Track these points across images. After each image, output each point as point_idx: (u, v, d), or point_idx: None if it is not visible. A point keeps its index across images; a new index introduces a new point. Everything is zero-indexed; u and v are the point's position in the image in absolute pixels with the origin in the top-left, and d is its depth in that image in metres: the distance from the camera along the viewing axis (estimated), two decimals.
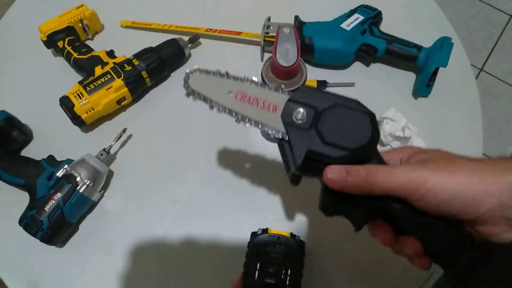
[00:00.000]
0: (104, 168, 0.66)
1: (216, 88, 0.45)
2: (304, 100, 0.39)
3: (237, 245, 0.63)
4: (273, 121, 0.41)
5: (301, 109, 0.38)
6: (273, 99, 0.42)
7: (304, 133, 0.38)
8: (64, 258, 0.64)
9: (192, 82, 0.47)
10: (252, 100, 0.43)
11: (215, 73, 0.45)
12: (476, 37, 2.00)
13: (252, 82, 0.43)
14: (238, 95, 0.43)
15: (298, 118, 0.38)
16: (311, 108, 0.38)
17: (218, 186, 0.68)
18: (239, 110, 0.43)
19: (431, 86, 0.75)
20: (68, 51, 0.75)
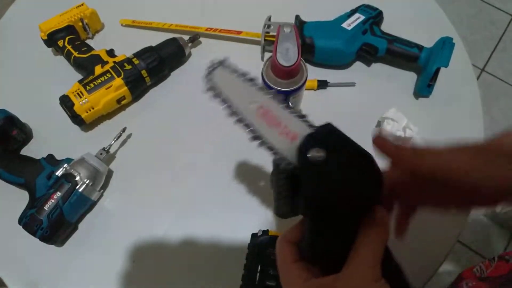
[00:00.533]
0: (104, 168, 0.66)
1: (239, 93, 0.41)
2: (325, 139, 0.36)
3: (237, 246, 0.63)
4: (288, 150, 0.38)
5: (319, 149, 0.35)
6: (294, 127, 0.39)
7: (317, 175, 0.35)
8: (63, 257, 0.64)
9: (217, 76, 0.42)
10: (273, 121, 0.39)
11: (243, 74, 0.42)
12: (478, 37, 1.99)
13: (279, 101, 0.40)
14: (260, 110, 0.39)
15: (316, 158, 0.35)
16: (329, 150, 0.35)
17: (218, 186, 0.68)
18: (257, 127, 0.39)
19: (432, 86, 0.74)
20: (68, 50, 0.75)
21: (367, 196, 0.35)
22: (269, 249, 0.56)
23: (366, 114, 0.73)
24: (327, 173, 0.35)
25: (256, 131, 0.39)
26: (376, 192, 0.35)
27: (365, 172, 0.35)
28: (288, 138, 0.38)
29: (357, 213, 0.35)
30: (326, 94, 0.77)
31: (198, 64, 0.81)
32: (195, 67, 0.80)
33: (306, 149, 0.35)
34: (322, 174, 0.35)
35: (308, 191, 0.35)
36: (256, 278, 0.54)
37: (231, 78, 0.42)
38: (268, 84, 0.55)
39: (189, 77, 0.79)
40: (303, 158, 0.35)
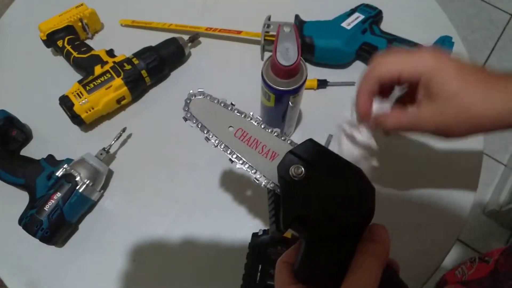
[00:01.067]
0: (104, 168, 0.66)
1: (217, 119, 0.42)
2: (306, 155, 0.35)
3: (238, 246, 0.63)
4: (268, 169, 0.38)
5: (300, 166, 0.34)
6: (273, 146, 0.39)
7: (297, 192, 0.34)
8: (63, 258, 0.64)
9: (193, 105, 0.44)
10: (252, 141, 0.40)
11: (220, 101, 0.43)
12: (477, 36, 2.00)
13: (256, 122, 0.41)
14: (239, 132, 0.41)
15: (295, 174, 0.34)
16: (311, 166, 0.35)
17: (218, 186, 0.68)
18: (236, 149, 0.41)
19: None
20: (67, 50, 0.75)
21: (358, 212, 0.33)
22: (269, 249, 0.56)
23: None
24: (307, 190, 0.34)
25: (235, 152, 0.41)
26: (367, 207, 0.33)
27: (353, 186, 0.34)
28: (268, 157, 0.39)
29: (350, 230, 0.33)
30: (326, 93, 0.77)
31: (198, 64, 0.81)
32: (195, 67, 0.80)
33: (284, 167, 0.35)
34: (301, 191, 0.34)
35: (286, 210, 0.34)
36: (256, 278, 0.54)
37: (208, 106, 0.43)
38: (268, 83, 0.55)
39: (189, 77, 0.79)
40: (280, 176, 0.35)
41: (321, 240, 0.34)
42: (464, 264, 0.73)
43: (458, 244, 1.59)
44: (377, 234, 0.33)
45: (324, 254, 0.34)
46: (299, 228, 0.35)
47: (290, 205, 0.34)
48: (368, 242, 0.33)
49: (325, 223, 0.33)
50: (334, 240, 0.34)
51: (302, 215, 0.33)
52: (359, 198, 0.34)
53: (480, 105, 0.42)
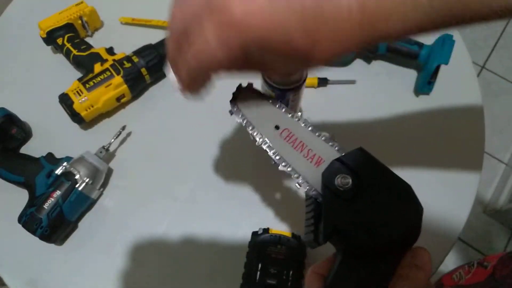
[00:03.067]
0: (104, 166, 0.66)
1: (263, 116, 0.40)
2: (354, 165, 0.33)
3: (237, 244, 0.63)
4: (312, 175, 0.36)
5: (347, 176, 0.32)
6: (320, 151, 0.37)
7: (341, 204, 0.32)
8: (63, 256, 0.64)
9: (241, 99, 0.42)
10: (298, 144, 0.38)
11: (267, 97, 0.41)
12: (478, 34, 1.99)
13: (304, 123, 0.39)
14: (285, 133, 0.39)
15: (340, 185, 0.32)
16: (358, 178, 0.33)
17: (218, 185, 0.68)
18: (280, 150, 0.39)
19: (432, 83, 0.74)
20: (67, 48, 0.75)
21: (402, 233, 0.31)
22: (269, 248, 0.56)
23: (366, 111, 0.73)
24: (351, 203, 0.32)
25: (280, 153, 0.39)
26: (413, 228, 0.32)
27: (400, 204, 0.32)
28: (313, 162, 0.37)
29: (391, 251, 0.32)
30: (326, 91, 0.77)
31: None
32: None
33: (330, 176, 0.33)
34: (345, 204, 0.32)
35: (328, 222, 0.32)
36: (256, 277, 0.54)
37: (255, 101, 0.41)
38: (268, 82, 0.55)
39: None
40: (325, 185, 0.33)
41: (359, 258, 0.32)
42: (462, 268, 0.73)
43: (458, 244, 1.59)
44: (420, 259, 0.31)
45: (361, 273, 0.32)
46: (337, 242, 0.33)
47: (332, 217, 0.32)
48: (409, 267, 0.30)
49: (365, 241, 0.31)
50: (373, 259, 0.32)
51: (343, 229, 0.32)
52: (405, 218, 0.32)
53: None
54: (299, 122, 0.39)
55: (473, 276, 0.69)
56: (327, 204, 0.33)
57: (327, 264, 0.35)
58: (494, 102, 1.82)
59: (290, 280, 0.54)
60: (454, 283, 0.70)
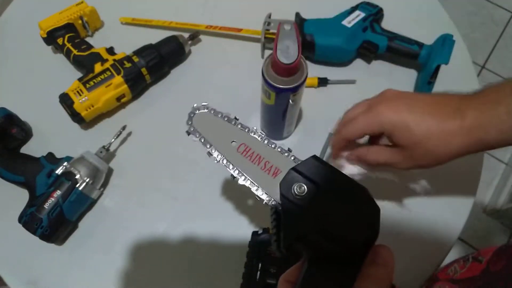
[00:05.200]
0: (104, 166, 0.66)
1: (220, 133, 0.42)
2: (309, 173, 0.34)
3: (237, 244, 0.63)
4: (270, 186, 0.38)
5: (303, 184, 0.33)
6: (276, 162, 0.39)
7: (299, 212, 0.33)
8: (63, 256, 0.64)
9: (197, 119, 0.44)
10: (255, 157, 0.40)
11: (223, 116, 0.43)
12: (478, 34, 1.99)
13: (260, 137, 0.40)
14: (241, 147, 0.40)
15: (297, 193, 0.33)
16: (315, 185, 0.33)
17: (218, 184, 0.68)
18: (238, 165, 0.40)
19: (432, 83, 0.74)
20: (68, 48, 0.75)
21: (361, 234, 0.32)
22: (269, 247, 0.56)
23: None
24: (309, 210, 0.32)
25: (237, 168, 0.40)
26: (371, 229, 0.32)
27: (357, 207, 0.32)
28: (271, 174, 0.38)
29: (353, 253, 0.32)
30: (327, 91, 0.77)
31: (198, 61, 0.81)
32: (195, 64, 0.80)
33: (286, 185, 0.33)
34: (303, 211, 0.32)
35: (287, 230, 0.33)
36: (256, 276, 0.54)
37: (211, 120, 0.43)
38: (268, 81, 0.55)
39: (189, 75, 0.79)
40: (282, 194, 0.33)
41: (323, 262, 0.33)
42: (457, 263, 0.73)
43: (459, 243, 1.59)
44: (381, 256, 0.32)
45: (325, 278, 0.33)
46: (300, 249, 0.34)
47: (291, 226, 0.33)
48: (371, 265, 0.31)
49: (327, 245, 0.32)
50: (336, 263, 0.32)
51: (303, 236, 0.32)
52: (363, 219, 0.32)
53: (442, 147, 0.48)
54: (254, 135, 0.41)
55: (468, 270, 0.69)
56: (286, 213, 0.33)
57: (297, 271, 0.36)
58: None
59: None
60: (449, 277, 0.71)
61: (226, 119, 0.43)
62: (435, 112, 0.48)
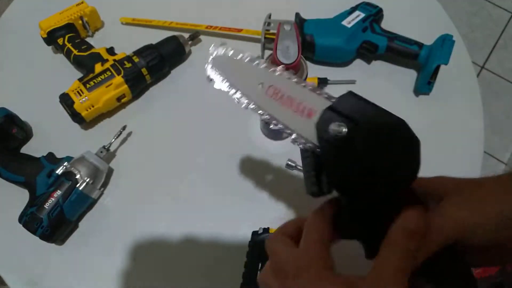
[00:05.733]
0: (104, 166, 0.66)
1: (244, 76, 0.38)
2: (346, 111, 0.32)
3: (237, 244, 0.63)
4: (305, 128, 0.34)
5: (341, 123, 0.31)
6: (309, 102, 0.35)
7: (339, 152, 0.32)
8: (63, 256, 0.64)
9: (217, 63, 0.40)
10: (285, 99, 0.36)
11: (245, 56, 0.39)
12: (478, 34, 1.99)
13: (288, 76, 0.37)
14: (270, 90, 0.36)
15: (335, 133, 0.31)
16: (353, 122, 0.32)
17: (218, 184, 0.68)
18: (269, 109, 0.37)
19: (432, 83, 0.74)
20: (68, 48, 0.75)
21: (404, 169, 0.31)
22: None
23: None
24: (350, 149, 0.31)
25: (268, 112, 0.37)
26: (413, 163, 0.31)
27: (398, 141, 0.31)
28: (304, 115, 0.35)
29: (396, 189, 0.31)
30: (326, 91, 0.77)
31: (198, 62, 0.81)
32: (195, 65, 0.80)
33: (323, 126, 0.32)
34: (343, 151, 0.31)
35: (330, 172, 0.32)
36: (256, 276, 0.54)
37: (234, 62, 0.39)
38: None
39: (190, 75, 0.79)
40: (320, 136, 0.32)
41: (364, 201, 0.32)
42: None
43: None
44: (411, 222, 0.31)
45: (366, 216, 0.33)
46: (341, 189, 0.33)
47: (333, 167, 0.32)
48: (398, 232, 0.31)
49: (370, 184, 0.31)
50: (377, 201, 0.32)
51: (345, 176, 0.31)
52: (404, 154, 0.31)
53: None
54: (282, 76, 0.37)
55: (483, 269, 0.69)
56: (326, 155, 0.32)
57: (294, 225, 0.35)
58: (493, 102, 1.82)
59: None
60: None
61: (248, 59, 0.38)
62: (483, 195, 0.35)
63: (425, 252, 0.32)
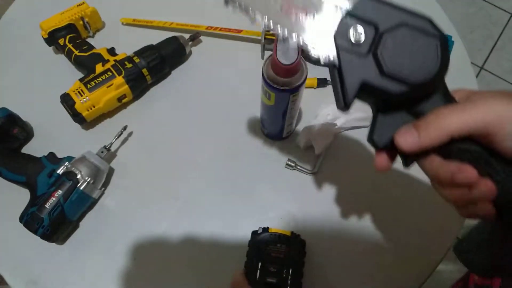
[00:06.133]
0: (105, 166, 0.66)
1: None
2: (365, 15, 0.31)
3: (237, 243, 0.63)
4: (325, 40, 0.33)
5: (359, 27, 0.30)
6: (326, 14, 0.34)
7: (360, 59, 0.31)
8: (64, 256, 0.64)
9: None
10: (302, 12, 0.35)
11: None
12: (477, 35, 2.00)
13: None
14: (285, 5, 0.36)
15: (354, 39, 0.31)
16: (372, 26, 0.31)
17: (218, 184, 0.69)
18: (286, 24, 0.35)
19: None
20: (69, 48, 0.75)
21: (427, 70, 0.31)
22: (269, 246, 0.57)
23: (365, 112, 0.73)
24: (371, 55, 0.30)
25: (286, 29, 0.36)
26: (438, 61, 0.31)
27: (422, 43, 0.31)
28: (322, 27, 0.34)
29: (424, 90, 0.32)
30: (326, 92, 0.77)
31: (198, 62, 0.81)
32: (195, 65, 0.81)
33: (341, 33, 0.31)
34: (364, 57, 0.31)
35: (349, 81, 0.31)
36: (256, 275, 0.54)
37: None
38: (268, 82, 0.55)
39: (190, 75, 0.79)
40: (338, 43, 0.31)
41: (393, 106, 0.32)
42: None
43: None
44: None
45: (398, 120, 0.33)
46: (366, 97, 0.33)
47: (352, 75, 0.31)
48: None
49: (393, 87, 0.30)
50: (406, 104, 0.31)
51: (367, 83, 0.31)
52: (427, 52, 0.31)
53: None
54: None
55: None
56: (345, 63, 0.32)
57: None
58: None
59: (290, 278, 0.54)
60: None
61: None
62: None
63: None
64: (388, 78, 0.30)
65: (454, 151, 0.33)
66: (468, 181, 0.34)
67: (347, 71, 0.32)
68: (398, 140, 0.33)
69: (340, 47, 0.32)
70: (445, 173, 0.35)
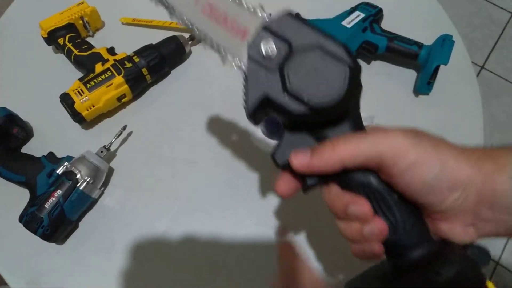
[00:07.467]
0: (104, 165, 0.66)
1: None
2: (282, 31, 0.31)
3: (237, 243, 0.63)
4: (237, 49, 0.33)
5: (271, 42, 0.31)
6: (244, 22, 0.34)
7: (266, 73, 0.31)
8: (64, 255, 0.64)
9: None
10: (221, 18, 0.35)
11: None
12: (477, 34, 1.99)
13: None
14: (207, 8, 0.35)
15: (265, 53, 0.30)
16: (287, 44, 0.30)
17: (218, 184, 0.68)
18: (203, 27, 0.36)
19: (432, 83, 0.75)
20: (68, 48, 0.75)
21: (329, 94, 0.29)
22: None
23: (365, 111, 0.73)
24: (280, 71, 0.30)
25: (202, 30, 0.36)
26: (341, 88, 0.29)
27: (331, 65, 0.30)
28: (239, 35, 0.34)
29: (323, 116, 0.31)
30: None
31: (198, 62, 0.81)
32: (195, 65, 0.81)
33: (254, 45, 0.31)
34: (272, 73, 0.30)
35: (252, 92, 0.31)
36: None
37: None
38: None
39: (190, 75, 0.79)
40: (249, 54, 0.31)
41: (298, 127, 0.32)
42: None
43: None
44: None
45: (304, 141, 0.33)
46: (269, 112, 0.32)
47: (256, 87, 0.31)
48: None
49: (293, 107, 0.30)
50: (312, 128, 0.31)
51: (268, 98, 0.30)
52: (335, 78, 0.29)
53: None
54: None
55: None
56: (252, 74, 0.32)
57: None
58: (493, 102, 1.83)
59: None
60: None
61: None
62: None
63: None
64: (290, 96, 0.30)
65: (352, 183, 0.33)
66: (360, 215, 0.33)
67: (252, 82, 0.32)
68: (291, 157, 0.33)
69: (250, 57, 0.32)
70: (340, 204, 0.34)
